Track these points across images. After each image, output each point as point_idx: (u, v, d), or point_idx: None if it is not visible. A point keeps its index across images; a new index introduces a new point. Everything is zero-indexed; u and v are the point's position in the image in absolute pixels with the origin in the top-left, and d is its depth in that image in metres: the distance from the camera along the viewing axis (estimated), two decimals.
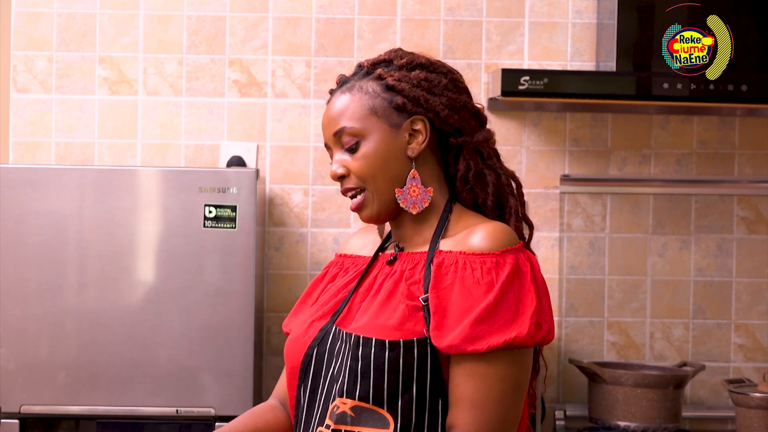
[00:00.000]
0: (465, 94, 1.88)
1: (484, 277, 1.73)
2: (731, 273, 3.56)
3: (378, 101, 1.82)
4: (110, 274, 3.03)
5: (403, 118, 1.82)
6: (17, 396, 3.03)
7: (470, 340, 1.70)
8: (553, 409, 3.47)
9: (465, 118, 1.85)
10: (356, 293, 1.86)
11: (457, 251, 1.76)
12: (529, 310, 1.72)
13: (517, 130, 3.52)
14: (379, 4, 3.51)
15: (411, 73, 1.83)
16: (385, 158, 1.81)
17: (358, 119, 1.82)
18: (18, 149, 3.50)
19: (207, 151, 3.50)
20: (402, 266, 1.83)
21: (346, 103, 1.84)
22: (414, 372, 1.72)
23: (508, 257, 1.75)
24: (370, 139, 1.81)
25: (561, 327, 3.53)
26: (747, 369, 3.55)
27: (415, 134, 1.82)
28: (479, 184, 1.86)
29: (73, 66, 3.50)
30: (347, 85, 1.86)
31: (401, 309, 1.76)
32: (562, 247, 3.53)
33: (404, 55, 1.86)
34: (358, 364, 1.74)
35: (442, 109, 1.82)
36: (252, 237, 3.04)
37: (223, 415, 3.03)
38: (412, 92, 1.82)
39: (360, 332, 1.76)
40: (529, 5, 3.52)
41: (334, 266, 1.98)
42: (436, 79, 1.84)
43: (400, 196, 1.82)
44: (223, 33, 3.50)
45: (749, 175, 3.55)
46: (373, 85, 1.83)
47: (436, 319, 1.72)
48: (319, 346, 1.82)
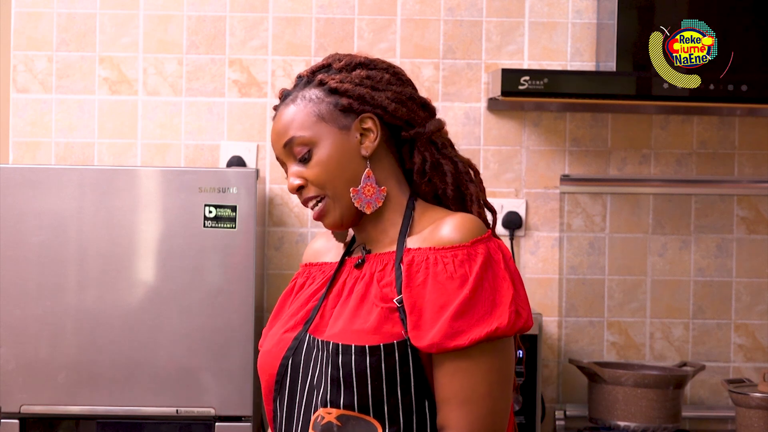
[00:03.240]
0: (409, 86, 1.86)
1: (457, 270, 1.70)
2: (731, 273, 3.56)
3: (323, 106, 1.80)
4: (110, 274, 3.03)
5: (352, 118, 1.80)
6: (17, 396, 3.03)
7: (451, 336, 1.67)
8: (553, 409, 3.47)
9: (413, 110, 1.83)
10: (327, 299, 1.83)
11: (427, 247, 1.74)
12: (507, 298, 1.69)
13: (517, 130, 3.52)
14: (379, 4, 3.51)
15: (352, 73, 1.81)
16: (340, 162, 1.79)
17: (306, 127, 1.79)
18: (18, 149, 3.50)
19: (207, 151, 3.50)
20: (371, 268, 1.80)
21: (291, 114, 1.81)
22: (397, 375, 1.70)
23: (479, 247, 1.72)
24: (322, 146, 1.79)
25: (561, 327, 3.53)
26: (747, 369, 3.55)
27: (366, 133, 1.80)
28: (437, 174, 1.84)
29: (73, 66, 3.50)
30: (290, 97, 1.83)
31: (376, 312, 1.73)
32: (562, 247, 3.53)
33: (342, 58, 1.84)
34: (339, 372, 1.71)
35: (389, 103, 1.80)
36: (252, 237, 3.04)
37: (223, 415, 3.03)
38: (356, 91, 1.79)
39: (337, 339, 1.73)
40: (529, 5, 3.52)
41: (301, 276, 1.94)
42: (377, 75, 1.82)
43: (355, 195, 1.79)
44: (223, 33, 3.50)
45: (749, 175, 3.55)
46: (316, 91, 1.81)
47: (413, 319, 1.70)
48: (294, 356, 1.79)
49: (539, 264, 3.53)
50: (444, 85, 3.50)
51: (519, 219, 3.51)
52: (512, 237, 3.51)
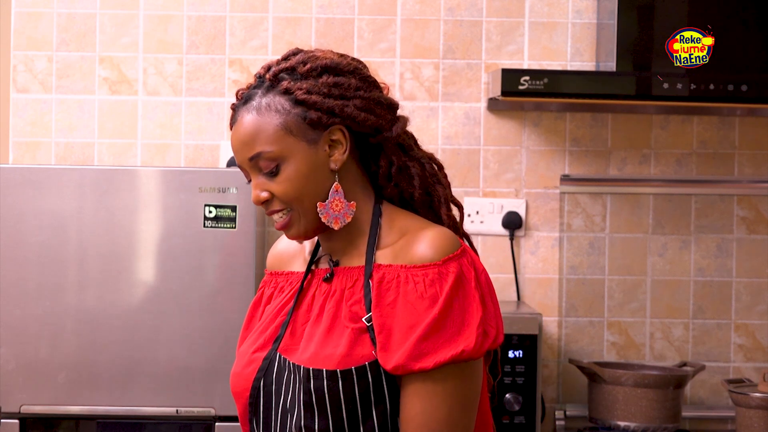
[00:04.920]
0: (375, 88, 1.78)
1: (428, 290, 1.66)
2: (731, 273, 3.56)
3: (290, 118, 1.71)
4: (110, 274, 3.03)
5: (320, 131, 1.72)
6: (17, 396, 3.03)
7: (416, 358, 1.64)
8: (553, 409, 3.47)
9: (381, 115, 1.76)
10: (296, 314, 1.78)
11: (398, 265, 1.69)
12: (475, 320, 1.65)
13: (517, 130, 3.52)
14: (379, 4, 3.51)
15: (318, 81, 1.72)
16: (308, 177, 1.71)
17: (273, 142, 1.70)
18: (18, 149, 3.50)
19: (207, 151, 3.50)
20: (341, 284, 1.74)
21: (256, 125, 1.71)
22: (371, 398, 1.67)
23: (451, 266, 1.67)
24: (291, 161, 1.71)
25: (561, 327, 3.53)
26: (747, 369, 3.55)
27: (334, 144, 1.73)
28: (404, 178, 1.79)
29: (73, 66, 3.50)
30: (252, 104, 1.73)
31: (347, 334, 1.69)
32: (562, 247, 3.53)
33: (306, 60, 1.74)
34: (311, 397, 1.68)
35: (358, 113, 1.72)
36: (252, 237, 3.04)
37: (223, 415, 3.03)
38: (325, 104, 1.71)
39: (309, 364, 1.69)
40: (529, 5, 3.52)
41: (268, 286, 1.89)
42: (345, 82, 1.73)
43: (322, 210, 1.72)
44: (223, 33, 3.50)
45: (749, 175, 3.55)
46: (281, 100, 1.72)
47: (381, 339, 1.66)
48: (265, 377, 1.76)
49: (539, 264, 3.53)
50: (444, 85, 3.50)
51: (519, 219, 3.51)
52: (512, 237, 3.51)
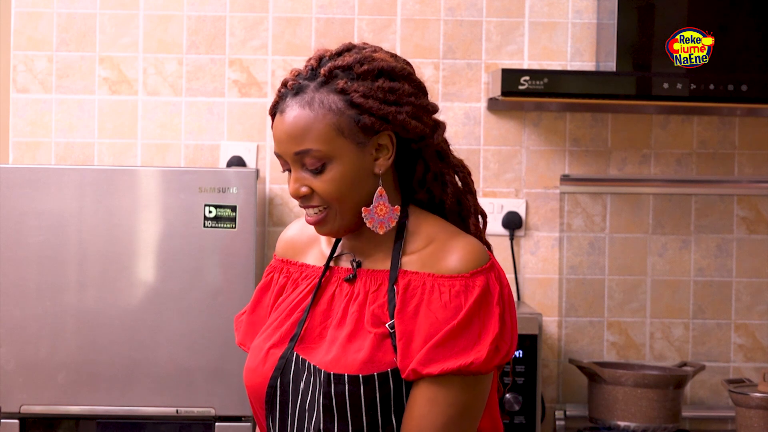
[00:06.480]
0: (424, 94, 1.77)
1: (452, 301, 1.66)
2: (731, 273, 3.56)
3: (344, 120, 1.69)
4: (110, 274, 3.03)
5: (369, 135, 1.70)
6: (17, 396, 3.03)
7: (425, 363, 1.64)
8: (553, 409, 3.47)
9: (426, 123, 1.75)
10: (313, 312, 1.77)
11: (425, 273, 1.69)
12: (490, 336, 1.65)
13: (517, 130, 3.52)
14: (379, 4, 3.51)
15: (375, 84, 1.70)
16: (352, 180, 1.71)
17: (324, 141, 1.69)
18: (18, 149, 3.50)
19: (207, 151, 3.50)
20: (365, 286, 1.74)
21: (307, 121, 1.69)
22: (392, 404, 1.67)
23: (478, 279, 1.68)
24: (338, 162, 1.69)
25: (561, 327, 3.53)
26: (747, 369, 3.55)
27: (380, 149, 1.72)
28: (438, 185, 1.78)
29: (73, 66, 3.50)
30: (304, 97, 1.71)
31: (369, 339, 1.69)
32: (562, 247, 3.52)
33: (363, 60, 1.73)
34: (331, 401, 1.67)
35: (409, 122, 1.71)
36: (252, 237, 3.04)
37: (223, 415, 3.03)
38: (380, 111, 1.70)
39: (330, 368, 1.68)
40: (529, 5, 3.52)
41: (278, 273, 1.87)
42: (399, 87, 1.72)
43: (367, 215, 1.72)
44: (223, 33, 3.50)
45: (749, 175, 3.55)
46: (336, 99, 1.70)
47: (402, 345, 1.66)
48: (282, 377, 1.74)
49: (539, 264, 3.53)
50: (444, 85, 3.50)
51: (519, 219, 3.51)
52: (512, 237, 3.51)
